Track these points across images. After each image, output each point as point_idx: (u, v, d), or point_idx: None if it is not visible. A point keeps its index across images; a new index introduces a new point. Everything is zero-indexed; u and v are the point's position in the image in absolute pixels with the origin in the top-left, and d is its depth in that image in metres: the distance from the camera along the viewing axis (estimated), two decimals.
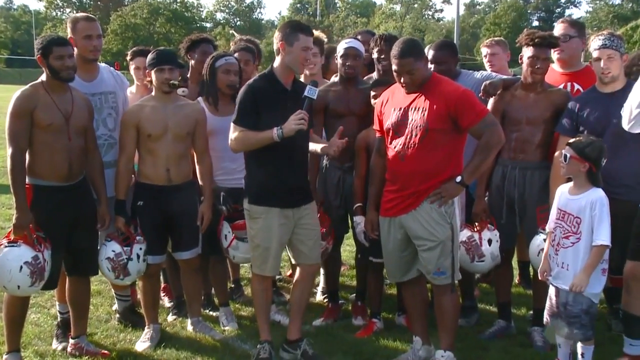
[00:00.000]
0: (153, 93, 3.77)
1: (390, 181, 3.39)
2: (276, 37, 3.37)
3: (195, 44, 4.44)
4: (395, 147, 3.31)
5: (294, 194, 3.47)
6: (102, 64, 4.03)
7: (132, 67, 4.49)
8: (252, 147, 3.36)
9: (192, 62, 4.44)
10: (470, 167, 3.27)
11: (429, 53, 3.91)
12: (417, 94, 3.27)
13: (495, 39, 5.07)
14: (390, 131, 3.34)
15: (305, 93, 3.33)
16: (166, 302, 4.52)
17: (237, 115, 3.37)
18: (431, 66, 3.78)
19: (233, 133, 3.37)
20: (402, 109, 3.30)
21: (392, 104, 3.38)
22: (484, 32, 54.59)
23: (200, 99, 4.02)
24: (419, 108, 3.24)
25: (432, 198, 3.25)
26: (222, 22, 67.86)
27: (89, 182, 3.57)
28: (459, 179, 3.24)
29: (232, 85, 3.92)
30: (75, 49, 3.56)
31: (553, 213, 3.26)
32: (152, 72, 3.69)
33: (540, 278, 3.33)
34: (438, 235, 3.26)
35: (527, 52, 3.68)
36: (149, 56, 3.77)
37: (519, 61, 3.77)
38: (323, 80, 4.44)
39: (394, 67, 3.27)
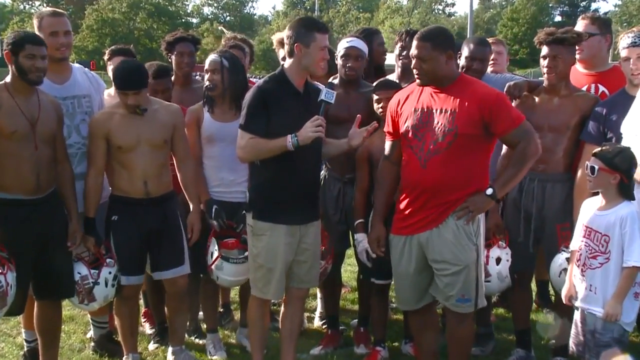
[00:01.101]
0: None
1: (407, 193, 3.37)
2: (288, 37, 3.38)
3: (170, 44, 4.45)
4: (415, 153, 3.30)
5: (303, 209, 3.48)
6: (76, 65, 4.03)
7: (110, 68, 4.49)
8: (263, 157, 3.36)
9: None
10: (503, 179, 3.30)
11: (467, 47, 3.99)
12: (444, 94, 3.28)
13: (492, 38, 5.16)
14: (409, 134, 3.33)
15: (322, 97, 3.35)
16: (147, 328, 4.52)
17: (245, 120, 3.36)
18: (464, 63, 3.88)
19: (241, 141, 3.36)
20: (426, 110, 3.31)
21: (411, 103, 3.38)
22: (500, 29, 54.82)
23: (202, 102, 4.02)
24: (446, 110, 3.25)
25: (458, 213, 3.25)
26: (210, 17, 68.18)
27: (59, 195, 3.56)
28: (489, 191, 3.24)
29: (210, 87, 3.88)
30: None
31: (578, 230, 3.26)
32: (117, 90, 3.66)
33: (564, 302, 3.32)
34: (464, 259, 3.26)
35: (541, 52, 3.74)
36: (112, 72, 3.74)
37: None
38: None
39: (411, 50, 3.31)
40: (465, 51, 4.04)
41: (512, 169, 3.28)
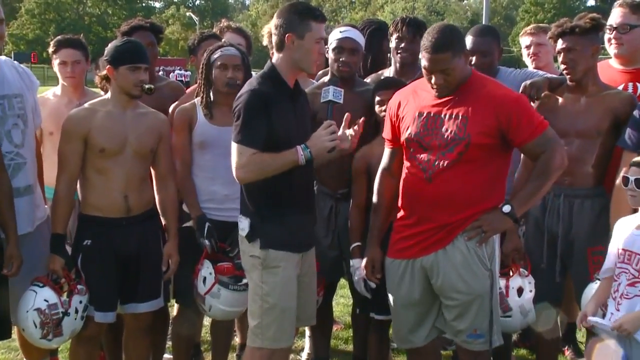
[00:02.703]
0: (108, 95, 3.81)
1: (409, 210, 3.42)
2: (277, 26, 3.35)
3: (126, 35, 4.42)
4: (419, 165, 3.35)
5: (308, 231, 3.52)
6: (2, 58, 3.92)
7: (55, 62, 4.52)
8: (268, 176, 3.31)
9: None
10: (522, 195, 3.34)
11: (468, 40, 4.02)
12: (454, 96, 3.32)
13: (541, 25, 5.17)
14: (412, 143, 3.38)
15: (330, 97, 3.38)
16: None
17: (245, 132, 3.27)
18: (471, 58, 3.87)
19: (241, 158, 3.28)
20: (432, 114, 3.35)
21: (414, 106, 3.41)
22: (521, 15, 55.26)
23: (197, 100, 4.04)
24: (457, 115, 3.28)
25: (469, 233, 3.30)
26: (176, 0, 68.32)
27: None
28: (507, 208, 3.29)
29: (231, 83, 3.88)
30: None
31: (614, 254, 3.29)
32: (118, 69, 3.70)
33: (579, 324, 3.33)
34: (476, 287, 3.30)
35: None
36: (112, 47, 3.78)
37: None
38: (307, 82, 4.50)
39: (424, 62, 3.31)
40: (466, 44, 4.08)
41: (534, 183, 3.33)
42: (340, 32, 4.12)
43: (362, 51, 4.18)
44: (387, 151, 3.62)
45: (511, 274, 3.75)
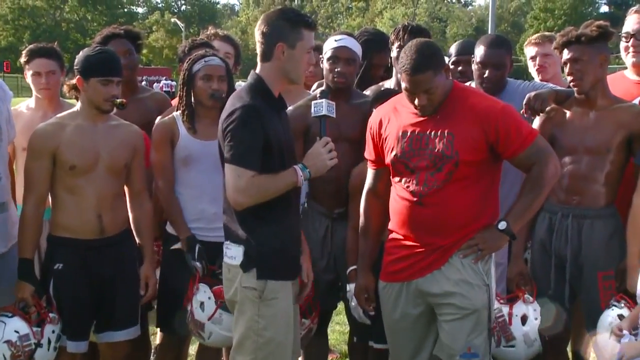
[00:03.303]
0: (78, 108, 3.81)
1: (400, 233, 3.46)
2: (264, 34, 3.33)
3: (100, 45, 4.39)
4: (408, 188, 3.39)
5: (298, 257, 3.50)
6: None
7: (28, 73, 4.51)
8: (268, 198, 3.26)
9: None
10: (517, 210, 3.37)
11: (479, 51, 4.07)
12: (437, 111, 3.36)
13: (547, 34, 5.19)
14: (398, 164, 3.42)
15: (323, 111, 3.37)
16: None
17: (242, 153, 3.21)
18: (478, 70, 3.98)
19: (239, 181, 3.20)
20: (416, 133, 3.39)
21: (396, 125, 3.45)
22: (530, 22, 55.43)
23: (177, 114, 4.05)
24: (442, 132, 3.32)
25: (464, 251, 3.34)
26: (160, 6, 68.49)
27: None
28: (502, 225, 3.33)
29: (217, 95, 3.90)
30: None
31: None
32: (88, 81, 3.69)
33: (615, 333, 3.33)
34: (472, 299, 3.34)
35: None
36: (83, 56, 3.76)
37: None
38: (303, 93, 4.54)
39: (404, 84, 3.35)
40: (476, 54, 4.12)
41: (528, 196, 3.37)
42: (336, 40, 4.12)
43: (359, 61, 4.19)
44: (370, 172, 3.66)
45: (516, 300, 3.77)
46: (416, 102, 3.33)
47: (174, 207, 3.99)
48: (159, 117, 4.25)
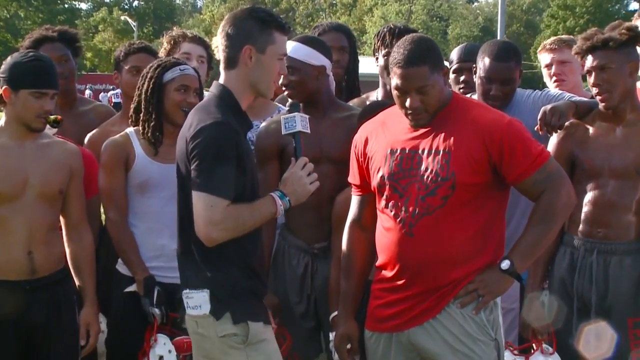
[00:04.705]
0: (2, 123, 3.80)
1: (387, 272, 3.44)
2: (230, 36, 3.32)
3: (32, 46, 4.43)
4: (395, 216, 3.38)
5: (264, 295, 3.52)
6: None
7: None
8: (245, 232, 3.25)
9: None
10: (522, 246, 3.35)
11: (484, 63, 4.08)
12: (432, 126, 3.36)
13: (564, 37, 5.23)
14: (385, 188, 3.41)
15: (297, 127, 3.38)
16: None
17: (215, 179, 3.17)
18: (482, 86, 4.03)
19: (213, 212, 3.15)
20: (407, 151, 3.39)
21: (385, 142, 3.45)
22: (546, 21, 55.69)
23: (131, 131, 4.03)
24: (436, 150, 3.32)
25: (463, 299, 3.32)
26: (108, 1, 68.60)
27: None
28: (505, 264, 3.30)
29: (188, 110, 3.74)
30: None
31: None
32: (17, 93, 3.66)
33: None
34: (481, 359, 3.32)
35: None
36: (12, 62, 3.73)
37: None
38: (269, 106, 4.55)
39: (395, 81, 3.33)
40: (480, 66, 4.13)
41: (535, 230, 3.33)
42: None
43: (314, 66, 4.04)
44: (355, 199, 3.65)
45: (532, 351, 3.78)
46: (407, 104, 3.32)
47: (128, 242, 3.97)
48: (89, 133, 4.30)
